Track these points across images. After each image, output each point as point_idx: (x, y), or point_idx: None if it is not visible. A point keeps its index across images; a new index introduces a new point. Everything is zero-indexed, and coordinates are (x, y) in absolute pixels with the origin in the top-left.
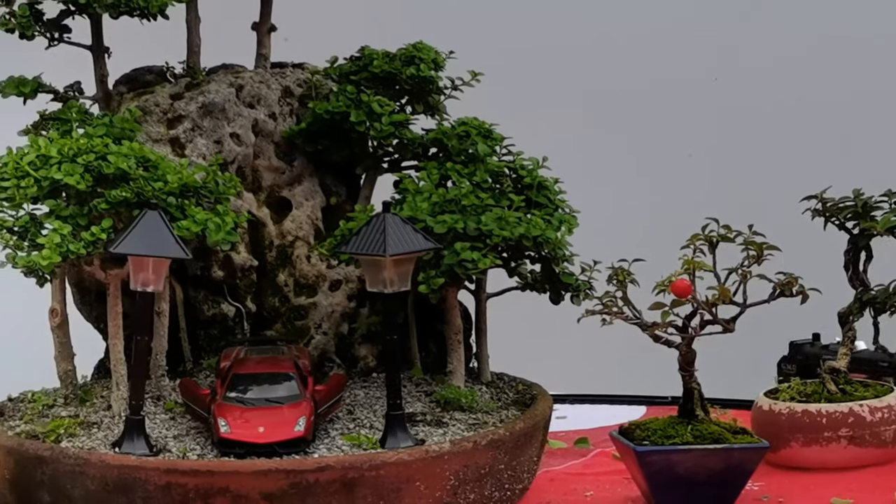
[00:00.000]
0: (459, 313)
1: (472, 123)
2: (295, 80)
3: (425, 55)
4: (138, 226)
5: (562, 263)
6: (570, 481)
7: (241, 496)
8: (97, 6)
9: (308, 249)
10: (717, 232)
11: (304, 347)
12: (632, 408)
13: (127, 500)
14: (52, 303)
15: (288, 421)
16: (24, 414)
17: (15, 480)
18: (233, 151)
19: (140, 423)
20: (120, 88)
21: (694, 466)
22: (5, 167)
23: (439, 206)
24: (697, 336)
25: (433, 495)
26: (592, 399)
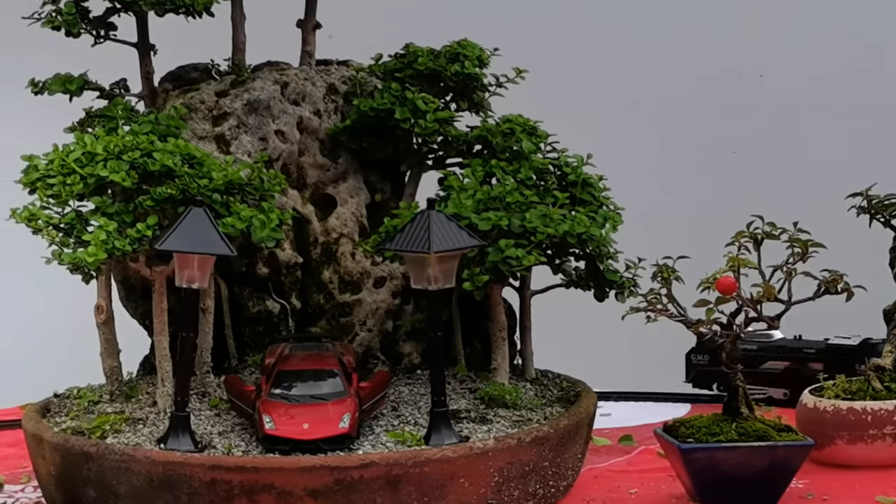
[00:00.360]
0: (504, 310)
1: (517, 120)
2: (340, 77)
3: (470, 52)
4: (183, 223)
5: (606, 261)
6: (615, 479)
7: (286, 492)
8: (143, 3)
9: (353, 246)
10: (762, 229)
11: (349, 344)
12: (676, 405)
13: (172, 496)
14: (98, 299)
15: (332, 417)
16: (70, 410)
17: (61, 476)
18: (278, 148)
19: (185, 420)
20: (165, 86)
21: (738, 464)
22: (52, 164)
23: (484, 204)
24: (742, 334)
25: (477, 492)
26: (637, 396)
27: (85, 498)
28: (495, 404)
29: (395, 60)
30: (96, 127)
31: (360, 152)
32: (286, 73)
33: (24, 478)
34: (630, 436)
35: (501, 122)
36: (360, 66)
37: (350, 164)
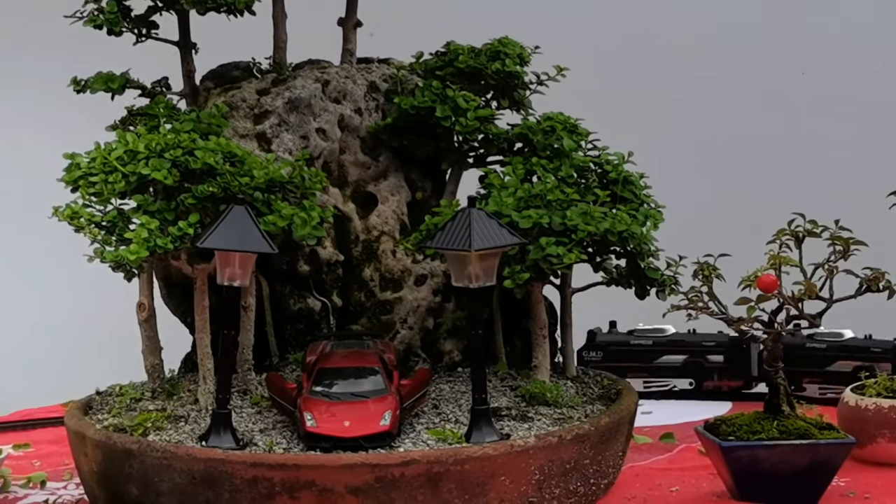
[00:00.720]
0: (544, 308)
1: (558, 118)
2: (380, 75)
3: (511, 50)
4: (225, 221)
5: (647, 258)
6: (656, 476)
7: (327, 490)
8: (184, 2)
9: (393, 244)
10: (804, 227)
11: (390, 342)
12: (717, 403)
13: (213, 493)
14: (140, 297)
15: (373, 415)
16: (112, 408)
17: (103, 473)
18: (319, 146)
19: (227, 417)
20: (207, 84)
21: (780, 462)
22: (94, 162)
23: (524, 201)
24: (784, 332)
25: (518, 489)
26: (677, 394)
27: (127, 495)
28: (536, 402)
29: (435, 58)
30: (138, 125)
31: (400, 150)
32: (327, 71)
33: (67, 475)
34: (671, 434)
35: (542, 119)
36: (400, 64)
37: (391, 162)
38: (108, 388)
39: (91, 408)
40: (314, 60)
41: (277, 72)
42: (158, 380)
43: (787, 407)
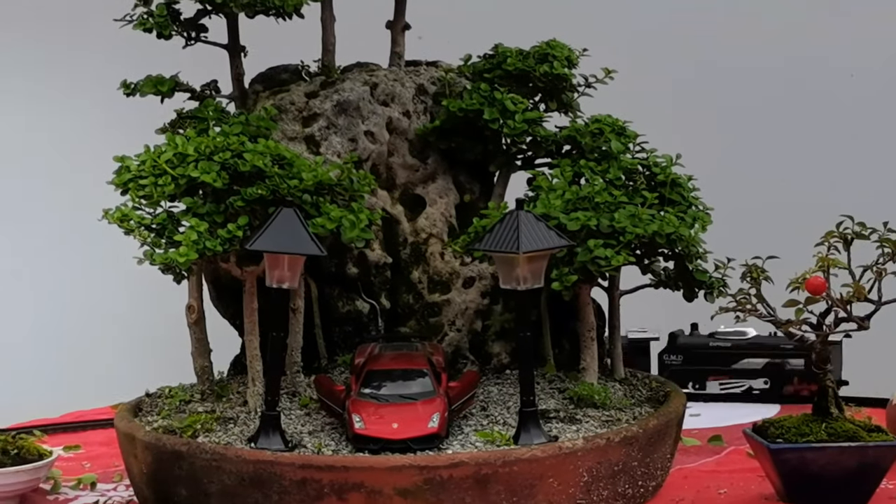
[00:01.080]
0: (592, 310)
1: (606, 121)
2: (429, 77)
3: (559, 53)
4: (274, 223)
5: (695, 261)
6: (704, 479)
7: (376, 491)
8: (233, 5)
9: (442, 247)
10: (852, 229)
11: (438, 344)
12: (765, 406)
13: (262, 494)
14: (189, 299)
15: (422, 417)
16: (162, 409)
17: (152, 475)
18: (367, 149)
19: (276, 419)
20: (256, 87)
21: (828, 464)
22: (143, 165)
23: (572, 204)
24: (832, 334)
25: (566, 492)
26: (726, 397)
27: (176, 496)
28: (584, 404)
29: (483, 61)
30: (187, 128)
31: (448, 153)
32: (375, 74)
33: (117, 476)
34: (719, 436)
35: (590, 122)
36: (449, 67)
37: (439, 165)
38: (158, 390)
39: (141, 410)
40: (362, 63)
41: (326, 75)
42: (208, 382)
43: (835, 409)
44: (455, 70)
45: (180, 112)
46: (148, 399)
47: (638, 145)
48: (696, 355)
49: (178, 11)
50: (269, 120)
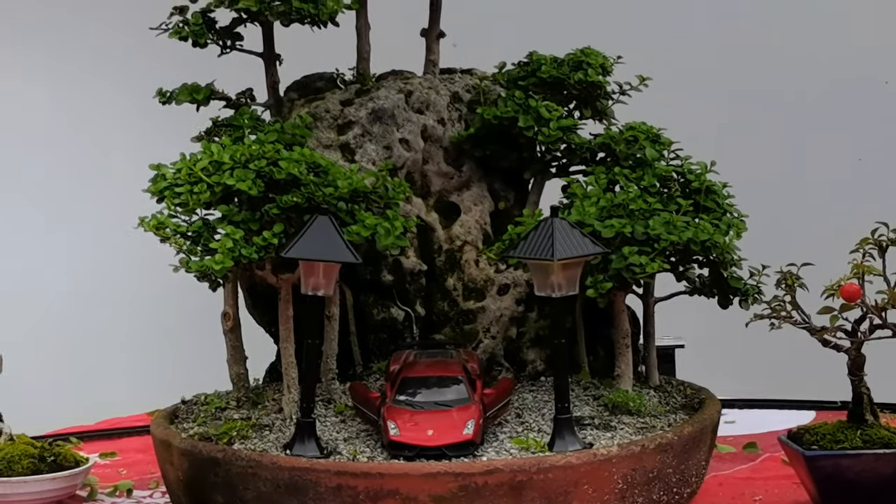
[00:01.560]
0: (627, 317)
1: (640, 128)
2: (463, 85)
3: (593, 60)
4: (309, 230)
5: (730, 268)
6: (739, 485)
7: (411, 498)
8: (269, 14)
9: (476, 254)
10: (887, 236)
11: (473, 351)
12: (801, 412)
13: (298, 501)
14: (225, 307)
15: (457, 424)
16: (198, 416)
17: (188, 482)
18: (402, 157)
19: (311, 426)
20: (291, 95)
21: (864, 471)
22: (179, 173)
23: (607, 211)
24: (867, 341)
25: (601, 499)
26: (761, 404)
27: (212, 503)
28: (619, 411)
29: (518, 69)
30: (223, 136)
31: (483, 160)
32: (410, 81)
33: (153, 483)
34: (754, 443)
35: (625, 129)
36: (483, 75)
37: (474, 172)
38: (194, 398)
39: (177, 417)
40: (397, 71)
41: (361, 83)
42: (243, 389)
43: (870, 416)
44: (489, 78)
45: (216, 120)
46: (184, 406)
47: (672, 152)
48: None
49: (214, 20)
50: (305, 128)
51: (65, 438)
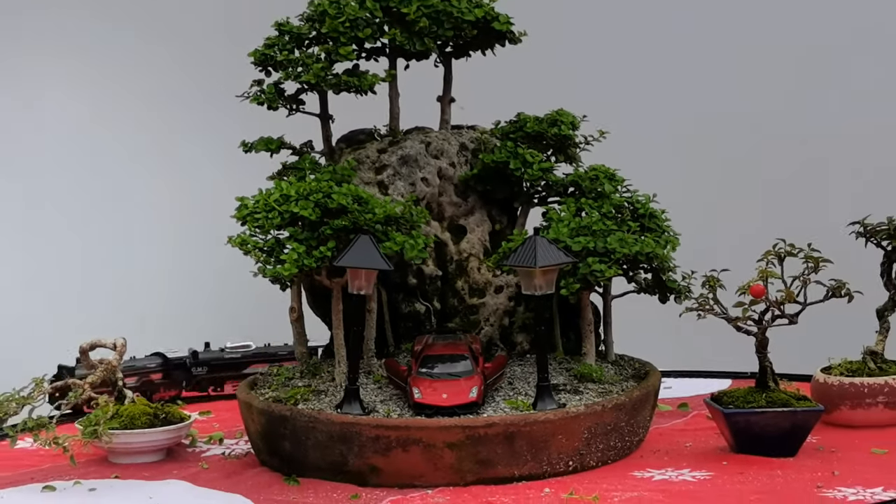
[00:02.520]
0: (591, 310)
1: (601, 169)
2: (469, 137)
3: (565, 118)
4: (354, 246)
5: (667, 273)
6: (675, 435)
7: (430, 445)
8: (324, 85)
9: (479, 263)
10: (784, 249)
11: (476, 335)
12: (720, 380)
13: (346, 447)
14: (292, 303)
15: (464, 390)
16: (271, 384)
17: (264, 433)
18: (423, 191)
19: (356, 391)
20: (340, 145)
21: (767, 425)
22: (258, 204)
23: (575, 231)
24: (770, 327)
25: (571, 445)
26: (691, 374)
27: (282, 450)
28: (585, 380)
29: (509, 125)
30: (290, 176)
31: (483, 193)
32: (429, 135)
33: (238, 434)
34: (686, 403)
35: (589, 170)
36: (483, 130)
37: (476, 203)
38: (268, 370)
39: (256, 385)
40: (420, 127)
41: (392, 136)
42: (305, 364)
43: (772, 383)
44: (488, 132)
45: (285, 164)
46: (261, 377)
47: (624, 187)
48: (215, 366)
49: (283, 89)
50: (350, 170)
51: (173, 401)
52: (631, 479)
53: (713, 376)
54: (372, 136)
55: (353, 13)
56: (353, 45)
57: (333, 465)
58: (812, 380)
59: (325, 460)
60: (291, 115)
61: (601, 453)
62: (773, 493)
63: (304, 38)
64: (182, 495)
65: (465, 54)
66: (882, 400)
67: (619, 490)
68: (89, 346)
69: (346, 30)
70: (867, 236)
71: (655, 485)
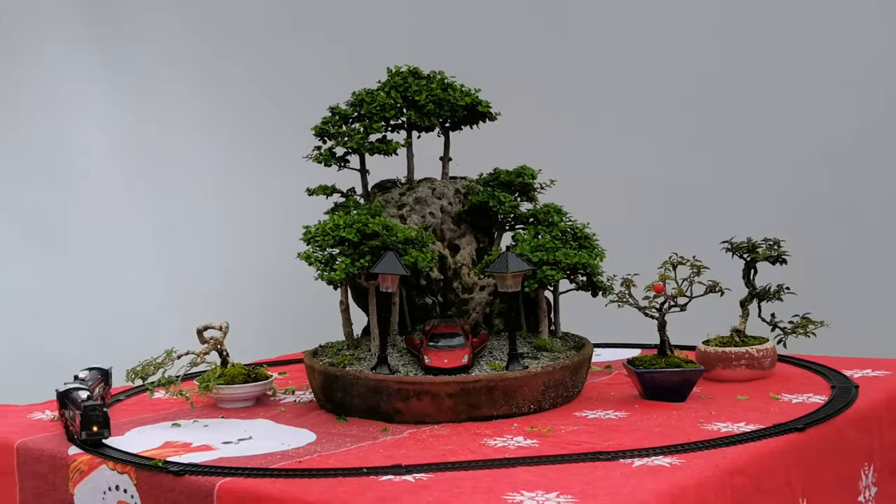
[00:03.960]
0: (545, 302)
1: (551, 206)
2: (461, 185)
3: (527, 171)
4: (383, 259)
5: (596, 276)
6: (603, 388)
7: (435, 394)
8: (363, 150)
9: (468, 271)
10: (676, 259)
11: (467, 320)
12: (633, 350)
13: (378, 396)
14: (341, 298)
15: (459, 356)
16: (327, 353)
17: (322, 386)
18: (430, 221)
19: (385, 358)
20: (373, 190)
21: (666, 381)
22: (317, 230)
23: (534, 248)
24: (666, 314)
25: (532, 395)
26: (613, 345)
27: (335, 398)
28: (541, 350)
29: (489, 176)
30: (340, 211)
31: (471, 223)
32: (434, 183)
33: (305, 387)
34: (610, 366)
35: (543, 206)
36: (471, 179)
37: (467, 229)
38: (325, 344)
39: (316, 353)
40: (427, 178)
41: (409, 184)
42: (350, 339)
43: (669, 352)
44: (474, 180)
45: (336, 203)
46: (320, 348)
47: (567, 218)
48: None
49: (335, 152)
50: (380, 207)
51: (259, 365)
52: (573, 417)
53: (629, 347)
54: (395, 184)
55: (381, 101)
56: (382, 122)
57: (370, 408)
58: (696, 349)
59: (364, 405)
60: (340, 170)
61: (552, 400)
62: (669, 426)
63: (349, 117)
64: (267, 429)
65: (459, 128)
66: (744, 363)
67: (564, 425)
68: (203, 327)
69: (377, 112)
70: (732, 251)
71: (590, 421)
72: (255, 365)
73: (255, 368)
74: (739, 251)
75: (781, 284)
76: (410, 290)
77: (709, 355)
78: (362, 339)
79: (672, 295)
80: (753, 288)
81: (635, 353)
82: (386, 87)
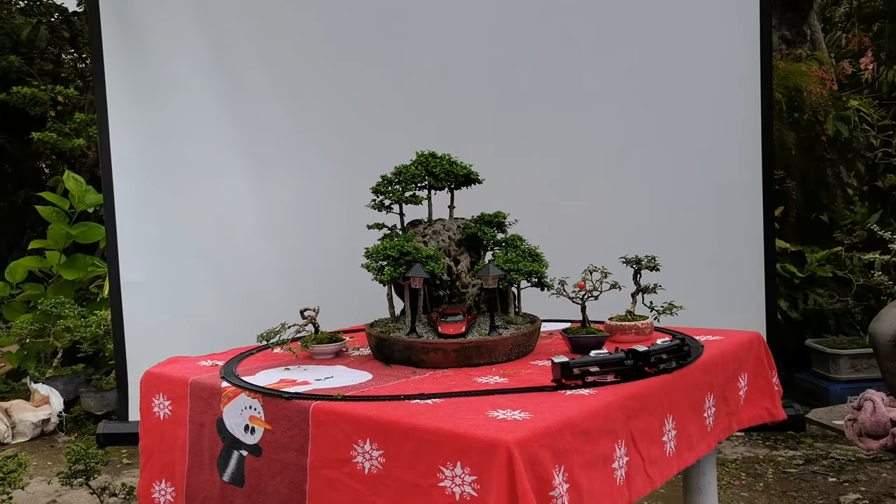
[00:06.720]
0: (513, 294)
1: (516, 237)
2: (461, 222)
3: (501, 215)
4: (413, 268)
5: (544, 278)
6: (548, 346)
7: (445, 350)
8: (401, 201)
9: (466, 274)
10: (592, 268)
11: (464, 305)
12: (566, 323)
13: (410, 351)
14: (387, 291)
15: (460, 327)
16: (379, 325)
17: (376, 346)
18: (442, 244)
19: (415, 328)
20: (407, 226)
21: (586, 342)
22: (374, 250)
23: (505, 261)
24: (586, 300)
25: (504, 350)
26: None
27: (383, 353)
28: (510, 323)
29: (478, 217)
30: (387, 239)
31: (468, 246)
32: (445, 222)
33: (365, 346)
34: (552, 333)
35: (511, 236)
36: (467, 219)
37: (465, 250)
38: (377, 319)
39: (373, 325)
40: (440, 218)
41: (429, 222)
42: (393, 317)
43: (588, 325)
44: (469, 220)
45: (384, 234)
46: (375, 322)
47: (525, 243)
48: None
49: (384, 202)
50: (412, 236)
51: (335, 333)
52: (529, 364)
53: (563, 321)
54: (420, 222)
55: (412, 171)
56: (412, 184)
57: (405, 359)
58: (604, 323)
59: (401, 357)
60: (388, 214)
61: (517, 354)
62: None
63: (393, 181)
64: (343, 371)
65: (459, 188)
66: (633, 331)
67: (524, 369)
68: (304, 308)
69: (409, 178)
70: (626, 263)
71: (539, 368)
72: (335, 332)
73: (336, 334)
74: (631, 263)
75: (656, 284)
76: (430, 287)
77: (612, 326)
78: (400, 317)
79: (590, 290)
80: (639, 286)
81: (567, 325)
82: (415, 164)
